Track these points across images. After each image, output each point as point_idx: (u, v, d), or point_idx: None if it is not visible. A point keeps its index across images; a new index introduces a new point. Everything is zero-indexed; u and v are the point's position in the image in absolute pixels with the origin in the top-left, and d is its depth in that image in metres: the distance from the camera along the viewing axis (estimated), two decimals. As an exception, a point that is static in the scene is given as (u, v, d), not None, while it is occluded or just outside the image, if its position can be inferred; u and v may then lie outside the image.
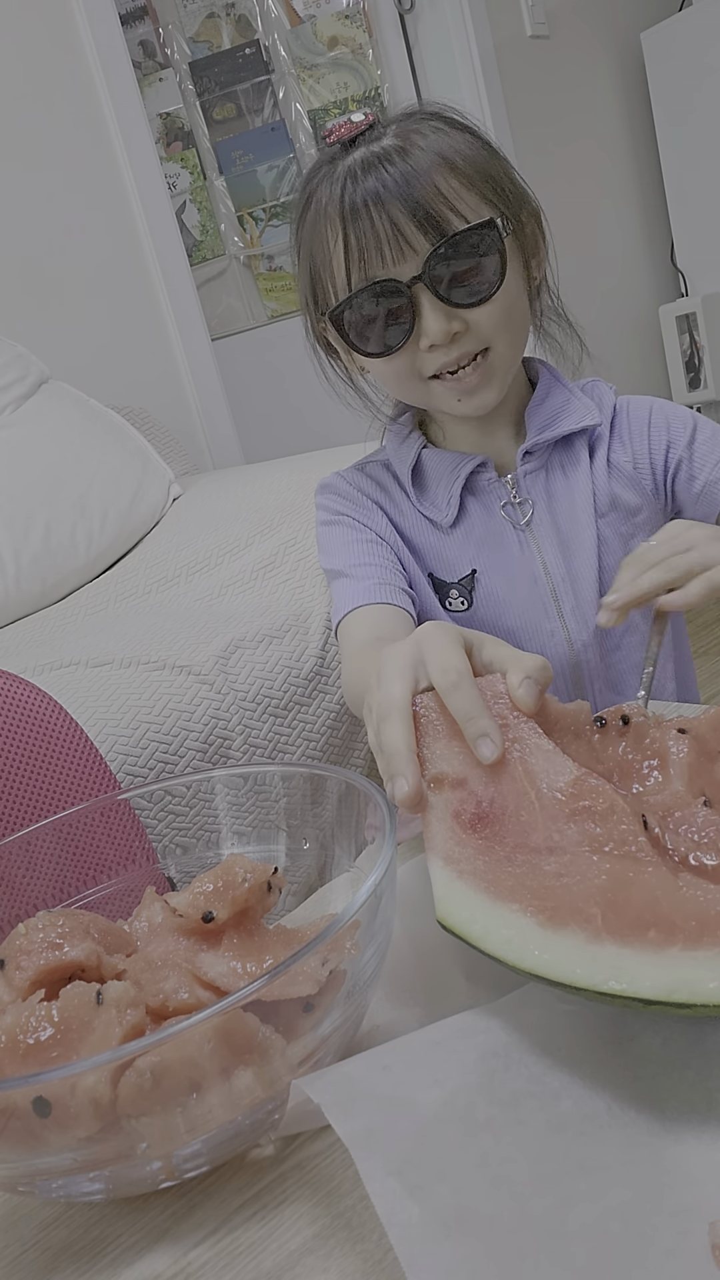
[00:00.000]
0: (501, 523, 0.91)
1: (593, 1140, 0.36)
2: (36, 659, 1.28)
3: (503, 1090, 0.38)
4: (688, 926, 0.37)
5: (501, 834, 0.45)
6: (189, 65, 2.99)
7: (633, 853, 0.42)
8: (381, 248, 0.78)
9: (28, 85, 2.12)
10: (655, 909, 0.38)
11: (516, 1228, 0.32)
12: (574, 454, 0.92)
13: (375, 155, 0.79)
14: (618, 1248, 0.32)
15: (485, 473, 0.91)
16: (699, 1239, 0.32)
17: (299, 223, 0.85)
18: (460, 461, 0.91)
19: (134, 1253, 0.39)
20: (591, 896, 0.40)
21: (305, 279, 0.87)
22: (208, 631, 1.31)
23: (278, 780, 0.55)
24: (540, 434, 0.90)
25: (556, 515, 0.91)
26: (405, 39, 2.70)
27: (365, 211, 0.78)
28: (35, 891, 0.54)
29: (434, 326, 0.80)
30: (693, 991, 0.35)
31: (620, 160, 3.01)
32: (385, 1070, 0.38)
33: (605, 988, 0.37)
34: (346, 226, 0.79)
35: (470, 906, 0.42)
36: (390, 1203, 0.33)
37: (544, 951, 0.39)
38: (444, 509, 0.91)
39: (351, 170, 0.79)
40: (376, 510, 0.95)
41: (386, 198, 0.77)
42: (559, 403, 0.92)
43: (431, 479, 0.93)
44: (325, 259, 0.83)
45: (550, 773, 0.46)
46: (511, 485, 0.91)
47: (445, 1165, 0.34)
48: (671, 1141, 0.36)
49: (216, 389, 2.43)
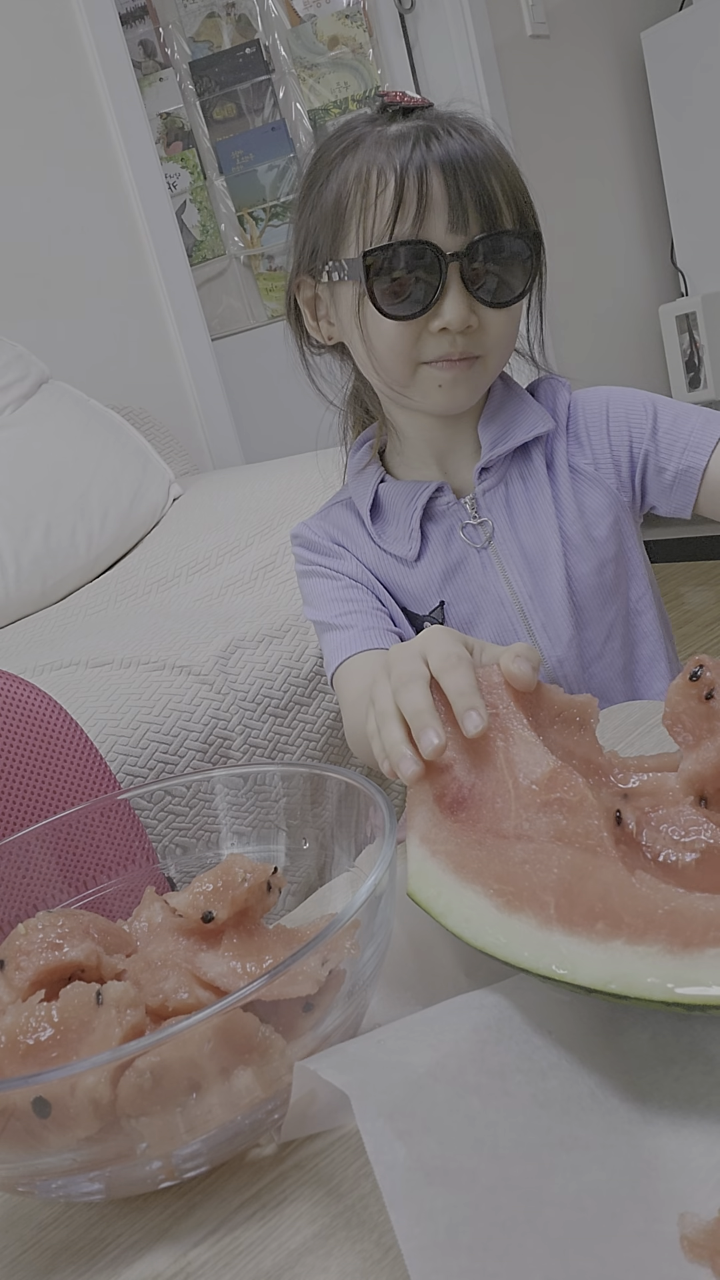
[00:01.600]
0: (463, 546, 0.89)
1: (575, 1120, 0.37)
2: (36, 659, 1.28)
3: (492, 1060, 0.39)
4: (634, 923, 0.39)
5: (476, 818, 0.47)
6: (189, 65, 3.00)
7: (593, 847, 0.44)
8: (438, 213, 0.77)
9: (28, 85, 2.12)
10: (606, 902, 0.40)
11: (496, 1187, 0.33)
12: (531, 464, 0.89)
13: (443, 127, 0.78)
14: (590, 1222, 0.33)
15: (443, 496, 0.89)
16: (668, 1226, 0.33)
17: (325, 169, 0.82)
18: (416, 491, 0.89)
19: (134, 1253, 0.39)
20: (549, 885, 0.42)
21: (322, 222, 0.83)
22: (208, 631, 1.31)
23: (278, 780, 0.55)
24: (493, 449, 0.88)
25: (519, 530, 0.89)
26: (405, 39, 2.70)
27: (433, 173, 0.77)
28: (35, 891, 0.54)
29: (454, 312, 0.79)
30: (629, 984, 0.37)
31: (620, 160, 3.01)
32: (379, 1044, 0.39)
33: (548, 972, 0.39)
34: (405, 180, 0.77)
35: (437, 884, 0.44)
36: (379, 1142, 0.34)
37: (498, 933, 0.41)
38: (405, 543, 0.90)
39: (416, 132, 0.78)
40: (346, 555, 0.93)
41: (460, 168, 0.77)
42: (511, 413, 0.90)
43: (390, 514, 0.91)
44: (360, 206, 0.80)
45: (530, 763, 0.48)
46: (470, 506, 0.89)
47: (433, 1119, 0.35)
48: (651, 1133, 0.37)
49: (216, 389, 2.43)
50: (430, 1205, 0.32)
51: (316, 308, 0.88)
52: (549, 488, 0.89)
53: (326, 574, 0.94)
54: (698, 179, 2.90)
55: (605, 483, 0.90)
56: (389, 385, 0.86)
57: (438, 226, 0.78)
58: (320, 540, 0.95)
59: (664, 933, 0.38)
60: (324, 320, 0.89)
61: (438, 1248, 0.31)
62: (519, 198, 0.81)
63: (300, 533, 0.97)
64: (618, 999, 0.38)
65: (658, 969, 0.37)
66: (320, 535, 0.95)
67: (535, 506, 0.89)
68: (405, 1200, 0.32)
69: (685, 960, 0.37)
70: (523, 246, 0.80)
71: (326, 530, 0.95)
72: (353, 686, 0.85)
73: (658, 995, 0.37)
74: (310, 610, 0.95)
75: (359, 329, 0.83)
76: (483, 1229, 0.32)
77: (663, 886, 0.41)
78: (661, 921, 0.39)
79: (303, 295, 0.88)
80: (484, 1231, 0.32)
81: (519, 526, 0.89)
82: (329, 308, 0.87)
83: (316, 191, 0.83)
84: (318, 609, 0.93)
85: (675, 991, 0.36)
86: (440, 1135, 0.35)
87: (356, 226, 0.80)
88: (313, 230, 0.84)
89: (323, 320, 0.89)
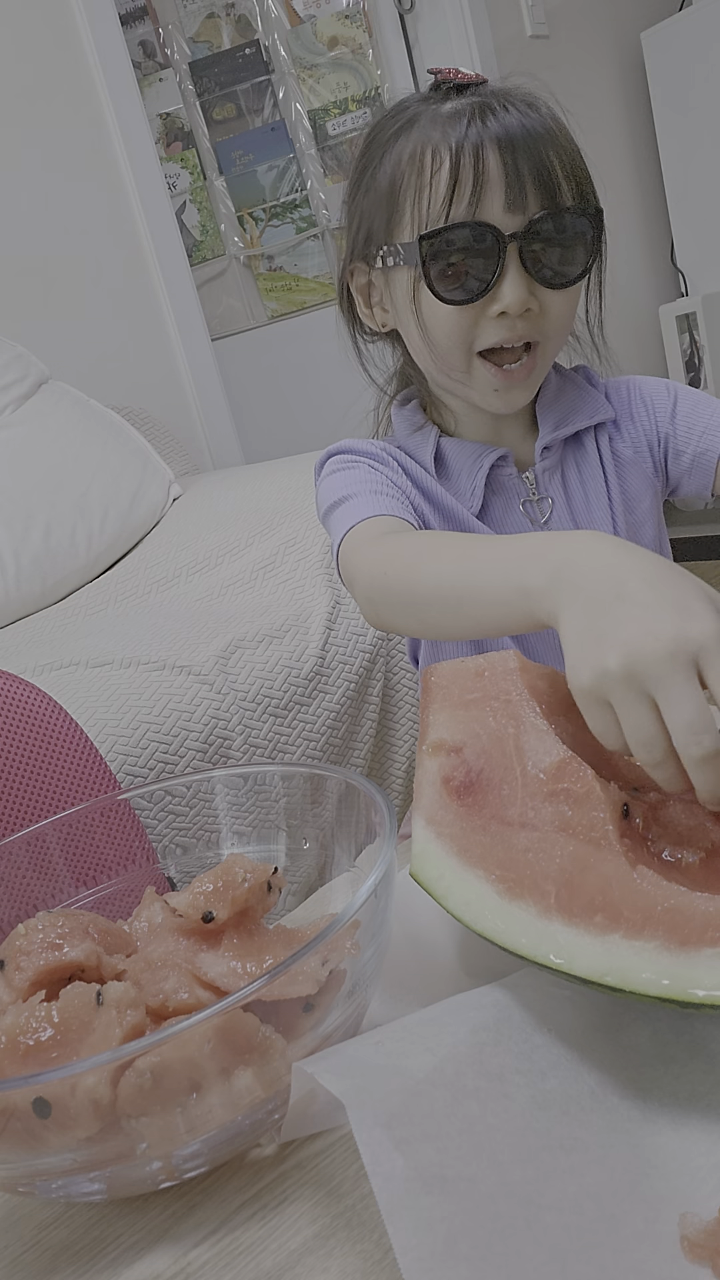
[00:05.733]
0: (521, 519, 0.89)
1: (575, 1121, 0.37)
2: (36, 659, 1.28)
3: (491, 1063, 0.39)
4: (633, 918, 0.39)
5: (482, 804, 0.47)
6: (189, 65, 2.99)
7: (597, 839, 0.44)
8: (496, 192, 0.75)
9: (28, 85, 2.12)
10: (606, 895, 0.40)
11: (495, 1194, 0.33)
12: (584, 449, 0.90)
13: (499, 103, 0.76)
14: (589, 1225, 0.33)
15: (506, 467, 0.88)
16: (668, 1226, 0.33)
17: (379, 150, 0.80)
18: (482, 453, 0.87)
19: (134, 1253, 0.39)
20: (550, 875, 0.42)
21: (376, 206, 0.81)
22: (208, 631, 1.31)
23: (278, 780, 0.55)
24: (555, 431, 0.88)
25: (575, 513, 0.89)
26: (405, 39, 2.70)
27: (491, 150, 0.75)
28: (35, 891, 0.54)
29: (513, 294, 0.77)
30: (624, 978, 0.37)
31: (620, 160, 3.00)
32: (377, 1045, 0.39)
33: (546, 961, 0.39)
34: (461, 158, 0.75)
35: (440, 866, 0.44)
36: (376, 1153, 0.33)
37: (497, 919, 0.41)
38: (469, 498, 0.88)
39: (471, 109, 0.76)
40: (399, 471, 0.89)
41: (517, 143, 0.75)
42: (571, 397, 0.90)
43: (454, 468, 0.89)
44: (415, 187, 0.78)
45: (539, 752, 0.48)
46: (531, 482, 0.89)
47: (431, 1126, 0.35)
48: (651, 1132, 0.37)
49: (216, 389, 2.43)
50: (428, 1215, 0.32)
51: (370, 294, 0.87)
52: (601, 474, 0.90)
53: (368, 469, 0.87)
54: (698, 179, 2.90)
55: (644, 468, 0.91)
56: (445, 373, 0.84)
57: (495, 206, 0.76)
58: (374, 450, 0.90)
59: (661, 929, 0.38)
60: (378, 307, 0.87)
61: (436, 1258, 0.31)
62: (578, 173, 0.79)
63: (347, 444, 0.91)
64: (615, 992, 0.38)
65: (653, 965, 0.37)
66: (375, 447, 0.90)
67: (589, 491, 0.89)
68: (403, 1211, 0.32)
69: (681, 958, 0.37)
70: (584, 224, 0.78)
71: (384, 446, 0.91)
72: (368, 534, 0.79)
73: (652, 990, 0.37)
74: (328, 495, 0.86)
75: (414, 315, 0.81)
76: (481, 1238, 0.31)
77: (664, 883, 0.41)
78: (660, 918, 0.39)
79: (356, 282, 0.86)
80: (482, 1240, 0.31)
81: (575, 509, 0.89)
82: (383, 293, 0.86)
83: (370, 174, 0.81)
84: (341, 489, 0.85)
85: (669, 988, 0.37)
86: (438, 1142, 0.34)
87: (411, 209, 0.78)
88: (367, 214, 0.82)
89: (376, 307, 0.87)
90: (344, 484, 0.86)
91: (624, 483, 0.90)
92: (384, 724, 1.41)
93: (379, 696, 1.39)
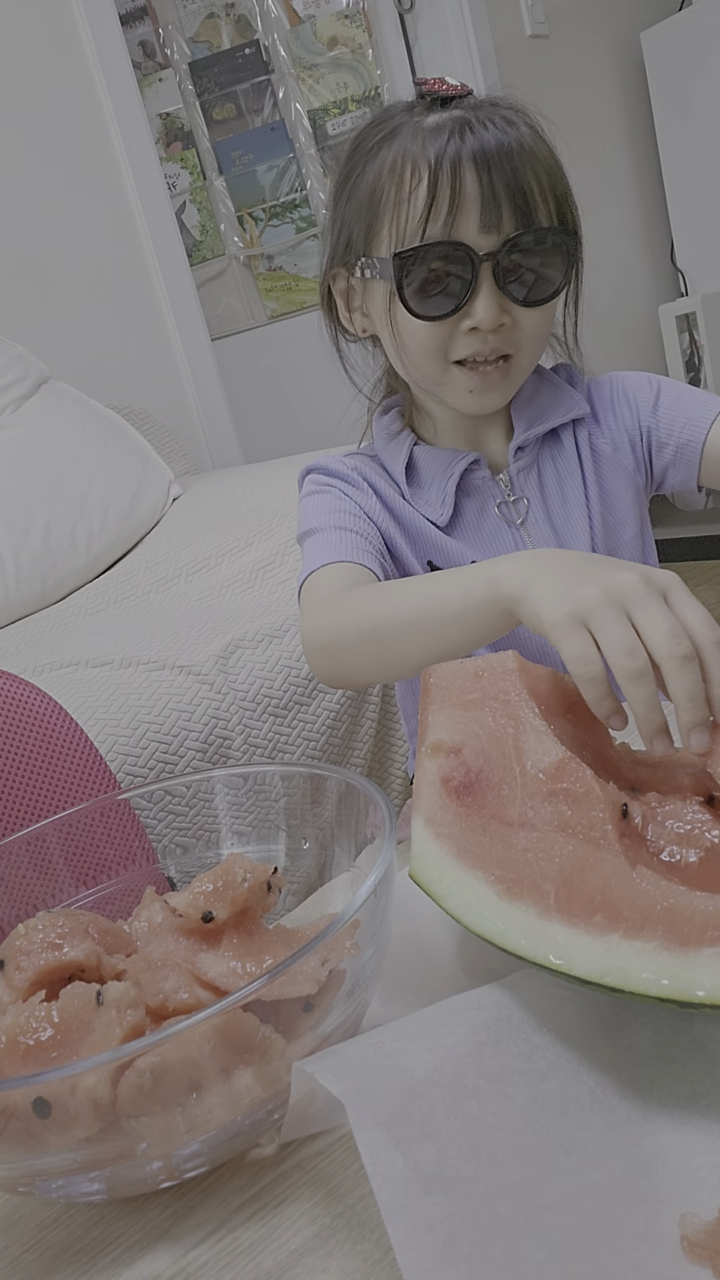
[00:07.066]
0: (497, 522, 0.90)
1: (574, 1121, 0.37)
2: (36, 659, 1.28)
3: (491, 1063, 0.39)
4: (632, 918, 0.39)
5: (481, 804, 0.47)
6: (189, 65, 2.99)
7: (596, 839, 0.44)
8: (471, 211, 0.76)
9: (28, 86, 2.12)
10: (605, 895, 0.40)
11: (494, 1194, 0.33)
12: (561, 447, 0.90)
13: (480, 118, 0.77)
14: (589, 1225, 0.33)
15: (479, 470, 0.89)
16: (668, 1227, 0.32)
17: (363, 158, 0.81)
18: (453, 459, 0.89)
19: (134, 1253, 0.39)
20: (549, 875, 0.42)
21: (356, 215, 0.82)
22: (208, 631, 1.31)
23: (278, 780, 0.55)
24: (529, 429, 0.89)
25: (551, 511, 0.90)
26: (405, 39, 2.70)
27: (467, 168, 0.75)
28: (35, 891, 0.54)
29: (485, 312, 0.78)
30: (623, 979, 0.37)
31: (620, 160, 3.00)
32: (377, 1045, 0.39)
33: (545, 961, 0.39)
34: (438, 176, 0.75)
35: (439, 867, 0.44)
36: (376, 1152, 0.33)
37: (496, 919, 0.41)
38: (439, 508, 0.89)
39: (452, 124, 0.77)
40: (370, 493, 0.91)
41: (495, 162, 0.75)
42: (546, 395, 0.90)
43: (425, 477, 0.90)
44: (394, 201, 0.79)
45: (538, 752, 0.48)
46: (505, 483, 0.90)
47: (431, 1125, 0.35)
48: (651, 1132, 0.36)
49: (216, 389, 2.43)
50: (428, 1215, 0.32)
51: (351, 299, 0.88)
52: (578, 471, 0.90)
53: (339, 495, 0.90)
54: (698, 179, 2.90)
55: (624, 464, 0.91)
56: (420, 382, 0.86)
57: (470, 225, 0.77)
58: (346, 471, 0.92)
59: (661, 929, 0.38)
60: (358, 312, 0.88)
61: (436, 1258, 0.31)
62: (557, 190, 0.80)
63: (323, 464, 0.94)
64: (614, 992, 0.38)
65: (653, 965, 0.37)
66: (346, 468, 0.92)
67: (566, 489, 0.90)
68: (403, 1211, 0.32)
69: (681, 958, 0.37)
70: (559, 243, 0.79)
71: (355, 466, 0.93)
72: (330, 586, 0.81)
73: (652, 990, 0.37)
74: (304, 523, 0.90)
75: (390, 326, 0.83)
76: (481, 1238, 0.31)
77: (663, 883, 0.41)
78: (659, 918, 0.39)
79: (337, 286, 0.88)
80: (482, 1240, 0.31)
81: (551, 508, 0.90)
82: (363, 300, 0.87)
83: (354, 182, 0.83)
84: (311, 519, 0.89)
85: (668, 988, 0.37)
86: (438, 1142, 0.34)
87: (390, 222, 0.80)
88: (348, 222, 0.84)
89: (356, 312, 0.89)
90: (314, 512, 0.90)
91: (602, 480, 0.91)
92: (384, 724, 1.41)
93: (379, 696, 1.39)
